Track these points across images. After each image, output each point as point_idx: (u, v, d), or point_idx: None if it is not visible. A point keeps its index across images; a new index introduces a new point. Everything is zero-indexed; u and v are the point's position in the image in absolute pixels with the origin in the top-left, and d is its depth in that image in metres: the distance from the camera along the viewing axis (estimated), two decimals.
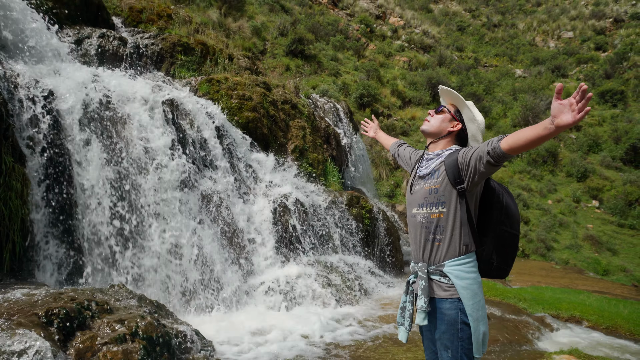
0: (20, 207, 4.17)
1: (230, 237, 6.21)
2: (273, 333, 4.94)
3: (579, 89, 1.77)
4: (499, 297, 6.94)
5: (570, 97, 1.79)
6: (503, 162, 2.11)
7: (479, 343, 2.20)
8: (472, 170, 2.19)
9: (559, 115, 1.82)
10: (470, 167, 2.19)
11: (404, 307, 2.43)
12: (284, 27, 18.58)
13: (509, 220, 2.35)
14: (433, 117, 2.50)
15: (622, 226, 15.31)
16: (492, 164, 2.10)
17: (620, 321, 6.17)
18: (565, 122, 1.80)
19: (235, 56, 9.92)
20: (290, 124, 8.93)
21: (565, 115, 1.81)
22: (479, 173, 2.17)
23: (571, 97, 1.79)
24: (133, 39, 8.21)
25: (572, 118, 1.79)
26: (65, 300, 3.36)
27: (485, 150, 2.11)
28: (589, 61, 26.40)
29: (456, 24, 33.30)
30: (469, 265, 2.25)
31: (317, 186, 8.22)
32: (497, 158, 2.08)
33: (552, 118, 1.85)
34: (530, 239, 14.02)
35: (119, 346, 3.19)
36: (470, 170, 2.19)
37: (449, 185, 2.26)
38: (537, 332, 5.55)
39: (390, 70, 23.32)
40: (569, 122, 1.80)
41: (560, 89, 1.82)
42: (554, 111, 1.84)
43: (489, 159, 2.10)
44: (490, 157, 2.09)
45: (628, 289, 10.24)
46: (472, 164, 2.18)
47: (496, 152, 2.06)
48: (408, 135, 18.14)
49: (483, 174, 2.17)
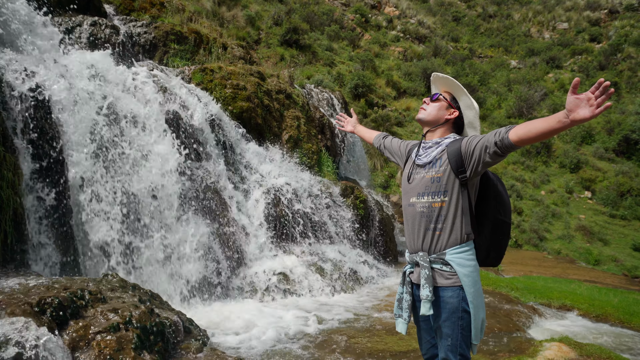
0: (12, 197, 4.13)
1: (224, 227, 6.20)
2: (267, 322, 4.97)
3: (598, 84, 1.76)
4: (491, 287, 7.01)
5: (587, 92, 1.79)
6: (509, 152, 2.12)
7: (478, 330, 2.23)
8: (476, 160, 2.19)
9: (575, 110, 1.82)
10: (474, 157, 2.19)
11: (401, 299, 2.43)
12: (279, 16, 18.42)
13: (503, 209, 2.38)
14: (429, 106, 2.48)
15: (613, 217, 15.47)
16: (498, 154, 2.11)
17: (610, 309, 6.25)
18: (582, 116, 1.80)
19: (229, 45, 9.83)
20: (284, 114, 8.89)
21: (582, 110, 1.80)
22: (483, 163, 2.18)
23: (588, 91, 1.79)
24: (125, 27, 8.11)
25: (590, 113, 1.79)
26: (58, 290, 3.35)
27: (492, 141, 2.11)
28: (583, 52, 26.43)
29: (452, 14, 33.15)
30: (469, 253, 2.27)
31: (311, 176, 8.21)
32: (504, 149, 2.08)
33: (568, 112, 1.84)
34: (523, 230, 14.14)
35: (112, 335, 3.20)
36: (475, 160, 2.19)
37: (451, 174, 2.26)
38: (529, 321, 5.62)
39: (385, 61, 23.23)
40: (586, 117, 1.80)
41: (577, 83, 1.81)
42: (569, 105, 1.83)
43: (495, 149, 2.10)
44: (498, 148, 2.09)
45: (618, 279, 10.38)
46: (476, 153, 2.18)
47: (504, 143, 2.07)
48: (403, 126, 18.13)
49: (488, 163, 2.17)
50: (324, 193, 7.92)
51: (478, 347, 4.45)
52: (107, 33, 7.55)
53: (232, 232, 6.25)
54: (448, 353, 2.23)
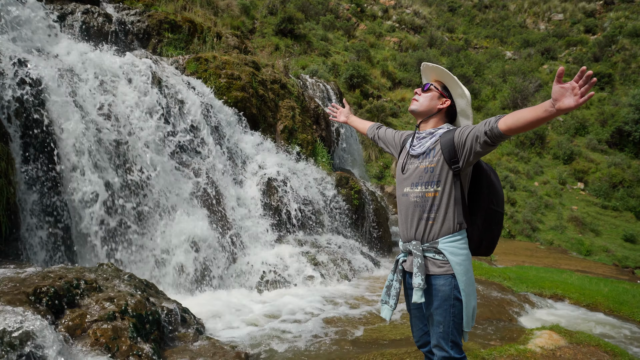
0: (6, 187, 4.12)
1: (219, 217, 6.21)
2: (261, 312, 5.01)
3: (581, 73, 1.77)
4: (484, 276, 7.09)
5: (571, 81, 1.80)
6: (500, 142, 2.14)
7: (469, 317, 2.27)
8: (467, 150, 2.21)
9: (560, 99, 1.83)
10: (466, 147, 2.21)
11: (390, 286, 2.46)
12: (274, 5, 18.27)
13: (496, 199, 2.40)
14: (421, 96, 2.49)
15: (605, 208, 15.64)
16: (488, 144, 2.13)
17: (601, 299, 6.35)
18: (567, 105, 1.82)
19: (223, 35, 9.75)
20: (279, 104, 8.87)
21: (567, 99, 1.82)
22: (474, 153, 2.20)
23: (573, 80, 1.80)
24: (118, 15, 8.01)
25: (575, 102, 1.80)
26: (54, 279, 3.36)
27: (482, 131, 2.13)
28: (578, 44, 26.47)
29: (447, 4, 33.01)
30: (461, 242, 2.30)
31: (306, 166, 8.22)
32: (494, 138, 2.10)
33: (554, 101, 1.86)
34: (516, 220, 14.26)
35: (108, 324, 3.22)
36: (466, 150, 2.21)
37: (444, 165, 2.28)
38: (520, 310, 5.70)
39: (380, 51, 23.15)
40: (571, 106, 1.81)
41: (562, 72, 1.81)
42: (555, 94, 1.85)
43: (486, 139, 2.12)
44: (488, 137, 2.11)
45: (609, 269, 10.52)
46: (468, 143, 2.20)
47: (494, 132, 2.08)
48: (397, 117, 18.14)
49: (479, 153, 2.19)
50: (319, 183, 7.94)
51: (470, 335, 4.52)
52: (100, 21, 7.47)
53: (226, 222, 6.26)
54: (440, 340, 2.27)
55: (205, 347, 3.72)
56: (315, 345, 4.12)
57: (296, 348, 4.05)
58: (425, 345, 2.49)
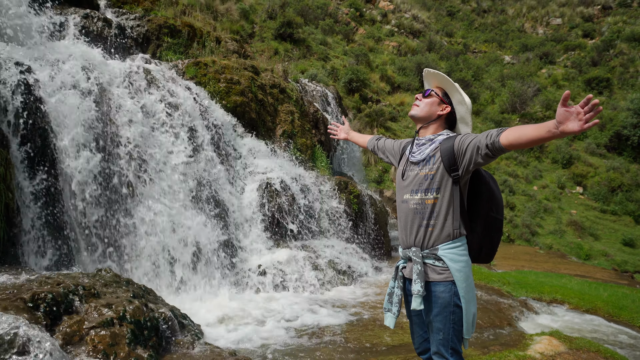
0: (4, 192, 4.10)
1: (218, 221, 6.20)
2: (261, 316, 4.99)
3: (587, 100, 1.77)
4: (483, 281, 7.08)
5: (577, 106, 1.81)
6: (500, 155, 2.16)
7: (469, 324, 2.26)
8: (467, 160, 2.22)
9: (564, 122, 1.84)
10: (466, 156, 2.22)
11: (391, 293, 2.46)
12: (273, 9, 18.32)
13: (495, 206, 2.40)
14: (421, 102, 2.49)
15: (604, 212, 15.64)
16: (489, 156, 2.15)
17: (600, 304, 6.34)
18: (571, 129, 1.83)
19: (222, 39, 9.76)
20: (278, 109, 8.87)
21: (571, 123, 1.82)
22: (474, 163, 2.21)
23: (578, 105, 1.81)
24: (118, 20, 8.02)
25: (579, 127, 1.81)
26: (52, 285, 3.34)
27: (484, 143, 2.14)
28: (576, 48, 26.57)
29: (446, 9, 33.15)
30: (461, 249, 2.29)
31: (305, 171, 8.21)
32: (495, 151, 2.12)
33: (558, 123, 1.86)
34: (515, 225, 14.26)
35: (106, 330, 3.20)
36: (466, 159, 2.23)
37: (444, 172, 2.29)
38: (520, 315, 5.69)
39: (379, 55, 23.21)
40: (574, 130, 1.82)
41: (567, 96, 1.82)
42: (559, 117, 1.85)
43: (487, 151, 2.14)
44: (489, 150, 2.13)
45: (608, 273, 10.51)
46: (468, 153, 2.21)
47: (495, 146, 2.10)
48: (397, 121, 18.16)
49: (479, 163, 2.21)
50: (318, 188, 7.93)
51: (469, 341, 4.50)
52: (99, 26, 7.47)
53: (224, 226, 6.24)
54: (440, 347, 2.26)
55: (204, 353, 3.70)
56: (314, 351, 4.11)
57: (295, 353, 4.04)
58: (425, 352, 2.48)
